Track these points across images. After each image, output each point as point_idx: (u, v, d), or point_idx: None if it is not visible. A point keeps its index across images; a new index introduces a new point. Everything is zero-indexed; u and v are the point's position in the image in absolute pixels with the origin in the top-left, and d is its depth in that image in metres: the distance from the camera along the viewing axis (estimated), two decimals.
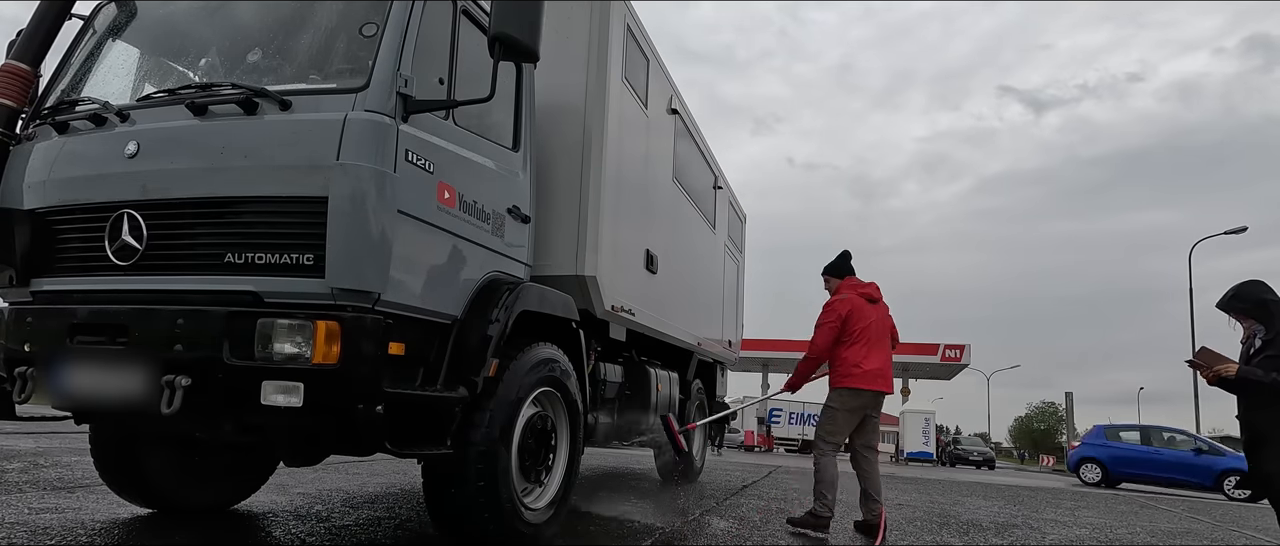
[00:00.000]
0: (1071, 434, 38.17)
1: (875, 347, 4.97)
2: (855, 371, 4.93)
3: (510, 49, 3.05)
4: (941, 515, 6.81)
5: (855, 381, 4.93)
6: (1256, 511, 10.75)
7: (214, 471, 4.09)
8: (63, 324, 2.94)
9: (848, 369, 4.96)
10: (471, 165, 3.38)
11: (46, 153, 3.17)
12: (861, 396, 4.95)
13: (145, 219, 2.89)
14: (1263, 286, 4.24)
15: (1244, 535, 7.33)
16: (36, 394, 3.02)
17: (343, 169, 2.71)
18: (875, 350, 4.97)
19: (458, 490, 3.25)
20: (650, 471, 8.36)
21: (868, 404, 4.99)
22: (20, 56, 3.33)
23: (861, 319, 4.99)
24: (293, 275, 2.71)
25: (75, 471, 5.37)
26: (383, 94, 2.86)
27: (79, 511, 3.92)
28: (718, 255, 8.07)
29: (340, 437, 2.99)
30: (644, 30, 5.22)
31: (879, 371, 4.96)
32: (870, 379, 4.92)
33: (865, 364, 4.92)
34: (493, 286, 3.46)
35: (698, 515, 5.44)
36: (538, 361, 3.60)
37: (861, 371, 4.92)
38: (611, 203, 4.46)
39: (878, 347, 5.00)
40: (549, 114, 4.20)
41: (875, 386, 4.94)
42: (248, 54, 3.20)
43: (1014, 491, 11.26)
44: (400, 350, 2.90)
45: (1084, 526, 6.85)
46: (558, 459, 3.90)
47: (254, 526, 3.92)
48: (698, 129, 6.93)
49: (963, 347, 32.26)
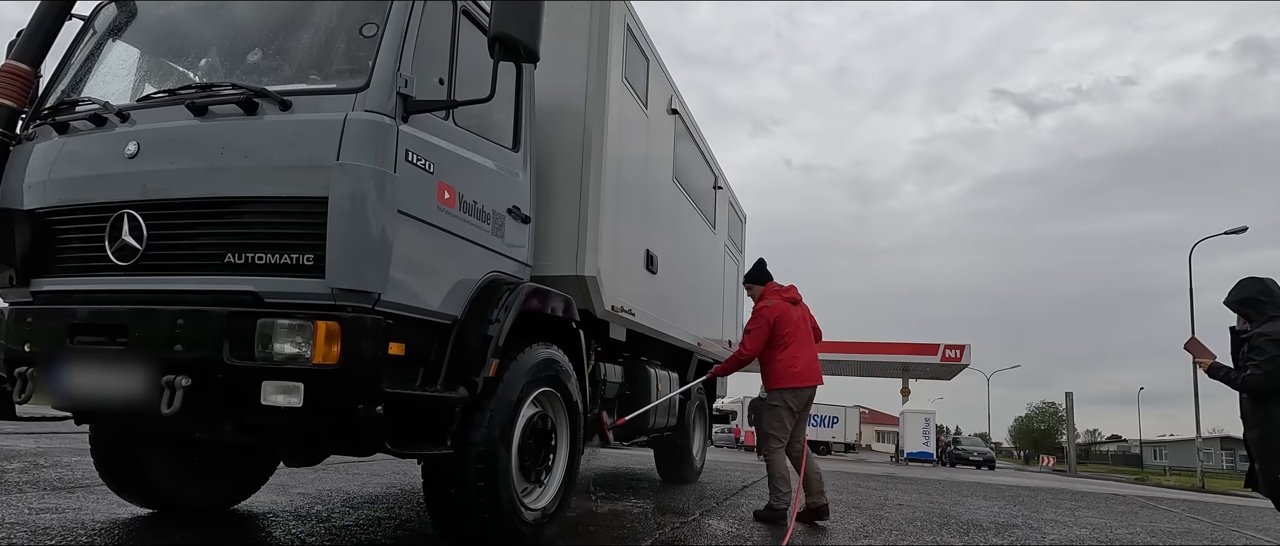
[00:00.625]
0: (1072, 434, 38.19)
1: (804, 346, 5.48)
2: (791, 371, 5.40)
3: (510, 49, 3.05)
4: (941, 515, 6.81)
5: (794, 380, 5.39)
6: (1256, 511, 10.75)
7: (214, 471, 4.09)
8: (63, 324, 2.94)
9: (784, 370, 5.41)
10: (471, 165, 3.38)
11: (46, 153, 3.17)
12: (800, 394, 5.42)
13: (145, 219, 2.89)
14: (1257, 284, 4.25)
15: (1244, 535, 7.33)
16: (36, 394, 3.02)
17: (343, 169, 2.71)
18: (804, 348, 5.47)
19: (458, 490, 3.25)
20: (650, 471, 8.36)
21: (808, 398, 5.48)
22: (20, 56, 3.33)
23: (788, 322, 5.47)
24: (293, 275, 2.71)
25: (75, 471, 5.37)
26: (383, 94, 2.86)
27: (79, 511, 3.92)
28: (718, 255, 8.07)
29: (340, 437, 2.99)
30: (644, 30, 5.22)
31: (809, 368, 5.45)
32: (805, 376, 5.41)
33: (797, 364, 5.40)
34: (493, 286, 3.46)
35: (698, 515, 5.44)
36: (538, 361, 3.60)
37: (796, 371, 5.39)
38: (611, 203, 4.46)
39: (805, 346, 5.49)
40: (549, 114, 4.20)
41: (811, 382, 5.45)
42: (248, 54, 3.21)
43: (1014, 491, 11.26)
44: (400, 350, 2.90)
45: (1084, 526, 6.85)
46: (558, 459, 3.90)
47: (254, 526, 3.92)
48: (698, 129, 6.93)
49: (963, 347, 32.23)
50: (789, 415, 5.38)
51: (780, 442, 5.38)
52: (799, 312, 5.58)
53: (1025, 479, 19.66)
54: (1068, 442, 40.01)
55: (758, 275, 5.85)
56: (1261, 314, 4.16)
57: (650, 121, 5.39)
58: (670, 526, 4.80)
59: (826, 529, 5.28)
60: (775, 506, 5.25)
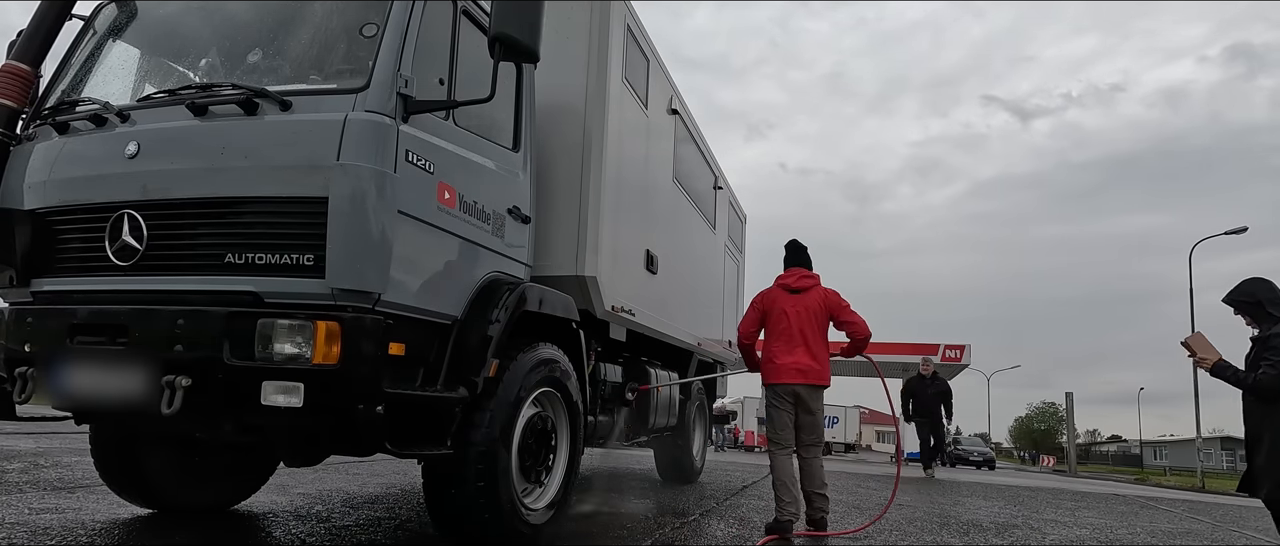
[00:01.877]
0: (1072, 434, 38.18)
1: (795, 342, 4.88)
2: (771, 366, 4.93)
3: (510, 49, 3.05)
4: (942, 515, 6.80)
5: (772, 376, 4.92)
6: (1257, 511, 10.75)
7: (214, 471, 4.09)
8: (63, 324, 2.95)
9: (765, 363, 4.99)
10: (472, 165, 3.38)
11: (47, 153, 3.17)
12: (779, 390, 4.89)
13: (146, 219, 2.89)
14: (1261, 284, 4.24)
15: (1244, 535, 7.33)
16: (37, 394, 3.02)
17: (343, 169, 2.71)
18: (795, 344, 4.88)
19: (458, 490, 3.25)
20: (650, 471, 8.36)
21: (794, 397, 4.88)
22: (20, 57, 3.34)
23: (775, 312, 4.97)
24: (293, 275, 2.72)
25: (75, 471, 5.37)
26: (383, 94, 2.86)
27: (79, 511, 3.92)
28: (718, 255, 8.07)
29: (340, 438, 3.00)
30: (644, 31, 5.22)
31: (793, 365, 4.84)
32: (785, 372, 4.85)
33: (778, 358, 4.88)
34: (493, 287, 3.46)
35: (698, 515, 5.44)
36: (538, 362, 3.60)
37: (775, 366, 4.89)
38: (612, 203, 4.46)
39: (794, 341, 4.88)
40: (549, 114, 4.20)
41: (789, 379, 4.85)
42: (248, 54, 3.21)
43: (1014, 491, 11.25)
44: (400, 350, 2.90)
45: (1084, 526, 6.85)
46: (558, 459, 3.90)
47: (254, 526, 3.92)
48: (698, 129, 6.93)
49: (963, 348, 32.21)
50: (778, 414, 4.91)
51: (778, 445, 4.93)
52: (797, 302, 4.97)
53: (1025, 479, 19.65)
54: (1068, 442, 40.00)
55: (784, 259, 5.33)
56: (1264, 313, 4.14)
57: (650, 122, 5.39)
58: (670, 526, 4.79)
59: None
60: (780, 518, 4.74)
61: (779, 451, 4.93)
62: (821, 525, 4.92)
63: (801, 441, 4.97)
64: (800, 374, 4.84)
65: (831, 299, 5.00)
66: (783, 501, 4.76)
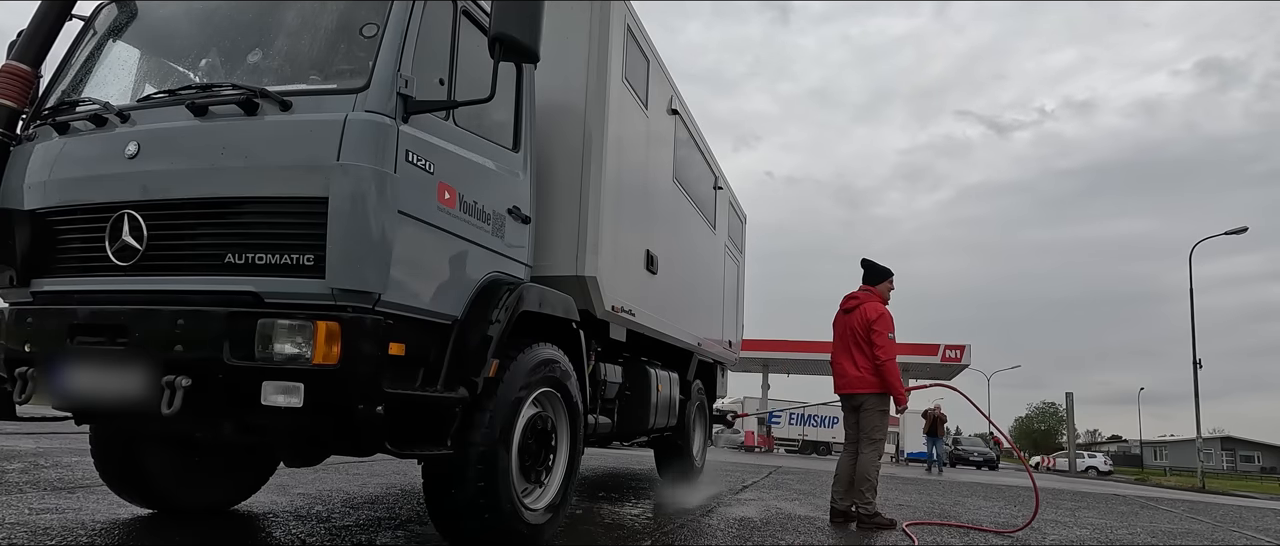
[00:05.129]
0: (1072, 434, 38.17)
1: (840, 354, 5.67)
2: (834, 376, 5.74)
3: (510, 49, 3.05)
4: (942, 515, 6.81)
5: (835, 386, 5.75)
6: (1257, 511, 10.75)
7: (214, 471, 4.09)
8: (63, 324, 2.94)
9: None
10: (472, 166, 3.38)
11: (47, 153, 3.17)
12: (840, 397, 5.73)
13: (146, 219, 2.89)
14: None
15: (1244, 535, 7.33)
16: (37, 394, 3.02)
17: (343, 169, 2.71)
18: (841, 356, 5.66)
19: (458, 490, 3.25)
20: (650, 471, 8.36)
21: (850, 404, 5.64)
22: (20, 57, 3.33)
23: (835, 329, 5.80)
24: (293, 275, 2.71)
25: (75, 471, 5.37)
26: (383, 94, 2.86)
27: (79, 511, 3.92)
28: (718, 255, 8.07)
29: (340, 438, 2.99)
30: (644, 31, 5.22)
31: (840, 374, 5.65)
32: (836, 382, 5.71)
33: (834, 369, 5.74)
34: (493, 287, 3.46)
35: (698, 515, 5.44)
36: (538, 362, 3.60)
37: (833, 376, 5.74)
38: (612, 203, 4.46)
39: (840, 354, 5.67)
40: (549, 114, 4.20)
41: (837, 387, 5.71)
42: (248, 54, 3.20)
43: (1014, 491, 11.25)
44: (400, 350, 2.90)
45: (1084, 526, 6.85)
46: (558, 459, 3.90)
47: (254, 526, 3.92)
48: (698, 130, 6.93)
49: (963, 348, 32.24)
50: (844, 417, 5.76)
51: (847, 445, 5.68)
52: (846, 321, 5.68)
53: (1025, 479, 19.62)
54: (1068, 443, 39.99)
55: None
56: None
57: (650, 122, 5.39)
58: (670, 526, 4.80)
59: (826, 529, 5.28)
60: (861, 512, 5.42)
61: (846, 450, 5.68)
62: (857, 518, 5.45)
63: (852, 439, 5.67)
64: (844, 383, 5.61)
65: (870, 318, 5.50)
66: (864, 496, 5.42)
